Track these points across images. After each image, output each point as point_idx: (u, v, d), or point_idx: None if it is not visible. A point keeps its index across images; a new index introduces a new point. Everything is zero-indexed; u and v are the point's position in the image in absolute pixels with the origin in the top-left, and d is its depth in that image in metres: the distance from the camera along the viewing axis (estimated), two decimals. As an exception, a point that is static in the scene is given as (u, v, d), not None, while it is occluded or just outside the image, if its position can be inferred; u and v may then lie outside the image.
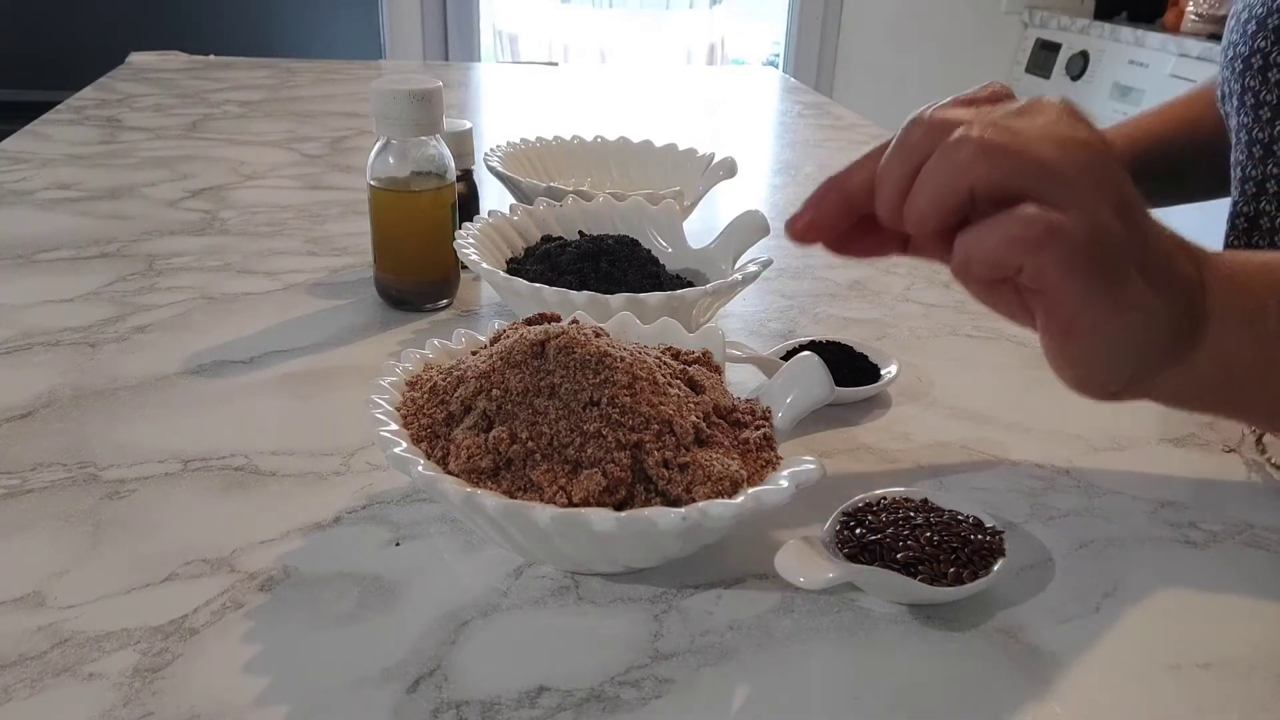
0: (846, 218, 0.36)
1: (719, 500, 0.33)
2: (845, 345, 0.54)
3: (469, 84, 1.42)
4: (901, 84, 2.81)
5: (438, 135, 0.58)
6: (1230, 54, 0.67)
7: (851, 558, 0.36)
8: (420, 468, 0.33)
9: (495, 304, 0.62)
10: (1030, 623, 0.36)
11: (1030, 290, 0.33)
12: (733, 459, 0.36)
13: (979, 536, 0.37)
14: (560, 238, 0.60)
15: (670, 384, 0.37)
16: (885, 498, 0.40)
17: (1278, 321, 0.35)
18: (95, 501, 0.40)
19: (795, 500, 0.34)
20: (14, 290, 0.61)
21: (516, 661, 0.33)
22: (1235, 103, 0.66)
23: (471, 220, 0.59)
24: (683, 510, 0.32)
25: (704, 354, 0.43)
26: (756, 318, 0.62)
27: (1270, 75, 0.62)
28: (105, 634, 0.33)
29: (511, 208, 0.62)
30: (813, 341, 0.54)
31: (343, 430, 0.46)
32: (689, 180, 0.74)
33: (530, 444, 0.35)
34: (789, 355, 0.50)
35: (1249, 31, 0.64)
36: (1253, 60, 0.63)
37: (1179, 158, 0.81)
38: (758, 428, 0.38)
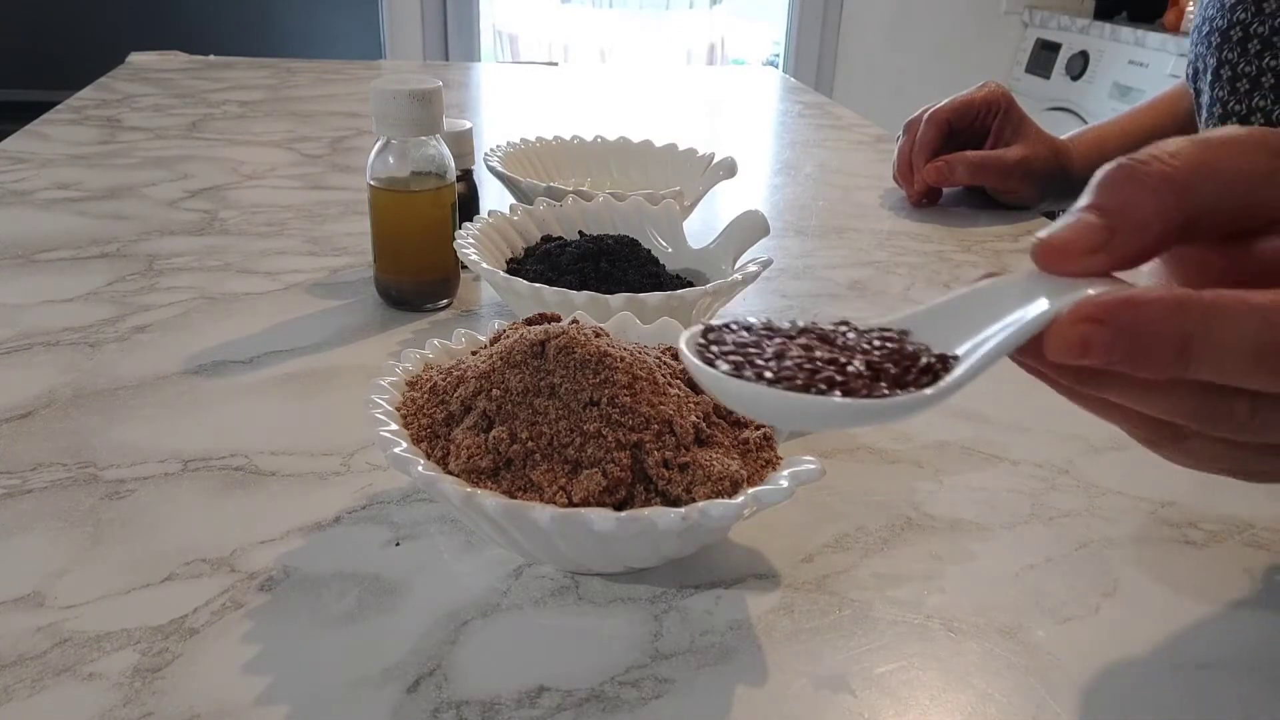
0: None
1: (719, 500, 0.33)
2: (845, 345, 0.54)
3: (469, 84, 1.42)
4: (901, 83, 2.82)
5: (438, 135, 0.58)
6: (1206, 29, 0.67)
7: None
8: (420, 468, 0.33)
9: (495, 304, 0.62)
10: (1030, 623, 0.36)
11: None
12: (733, 459, 0.36)
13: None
14: (560, 238, 0.60)
15: (670, 384, 0.37)
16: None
17: None
18: (95, 501, 0.40)
19: (795, 500, 0.34)
20: (14, 290, 0.61)
21: (516, 661, 0.33)
22: (1210, 77, 0.66)
23: (471, 220, 0.59)
24: (683, 510, 0.32)
25: (704, 354, 0.42)
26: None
27: (1250, 46, 0.62)
28: (105, 634, 0.33)
29: (511, 208, 0.62)
30: (813, 341, 0.54)
31: (343, 430, 0.46)
32: (689, 180, 0.74)
33: (530, 444, 0.35)
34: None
35: (1226, 5, 0.64)
36: (1231, 33, 0.63)
37: None
38: (758, 427, 0.38)
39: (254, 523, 0.39)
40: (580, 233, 0.61)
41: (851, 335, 0.28)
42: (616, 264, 0.55)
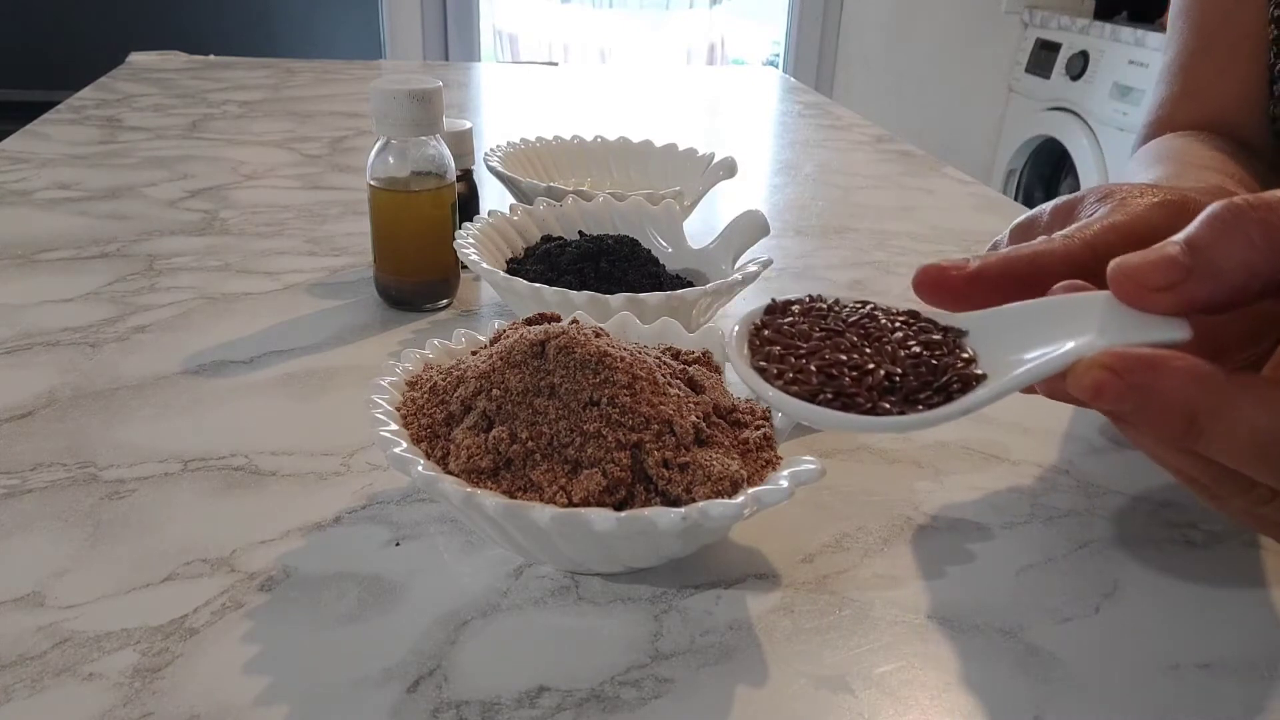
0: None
1: (719, 500, 0.33)
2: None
3: (469, 84, 1.42)
4: (901, 84, 2.81)
5: (438, 135, 0.58)
6: None
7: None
8: (420, 468, 0.33)
9: (495, 304, 0.62)
10: (1030, 623, 0.36)
11: None
12: (733, 459, 0.36)
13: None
14: (560, 238, 0.60)
15: (670, 384, 0.37)
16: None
17: None
18: (95, 501, 0.40)
19: (795, 500, 0.34)
20: (14, 290, 0.61)
21: (516, 661, 0.33)
22: None
23: (471, 220, 0.59)
24: (683, 510, 0.32)
25: (704, 354, 0.43)
26: (756, 318, 0.62)
27: None
28: (105, 634, 0.33)
29: (511, 208, 0.62)
30: (813, 341, 0.54)
31: (343, 430, 0.46)
32: (689, 180, 0.74)
33: (530, 444, 0.35)
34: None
35: None
36: None
37: None
38: (758, 428, 0.38)
39: (254, 523, 0.39)
40: (580, 233, 0.61)
41: (899, 334, 0.30)
42: (616, 264, 0.55)
